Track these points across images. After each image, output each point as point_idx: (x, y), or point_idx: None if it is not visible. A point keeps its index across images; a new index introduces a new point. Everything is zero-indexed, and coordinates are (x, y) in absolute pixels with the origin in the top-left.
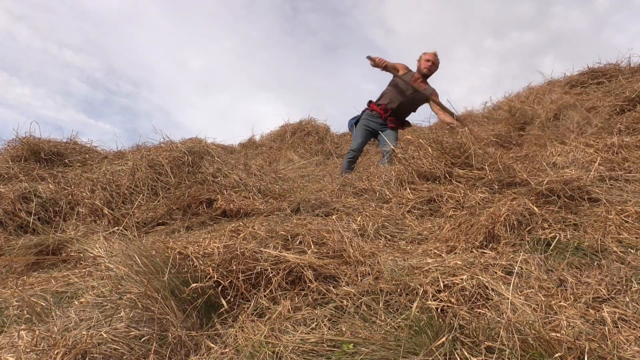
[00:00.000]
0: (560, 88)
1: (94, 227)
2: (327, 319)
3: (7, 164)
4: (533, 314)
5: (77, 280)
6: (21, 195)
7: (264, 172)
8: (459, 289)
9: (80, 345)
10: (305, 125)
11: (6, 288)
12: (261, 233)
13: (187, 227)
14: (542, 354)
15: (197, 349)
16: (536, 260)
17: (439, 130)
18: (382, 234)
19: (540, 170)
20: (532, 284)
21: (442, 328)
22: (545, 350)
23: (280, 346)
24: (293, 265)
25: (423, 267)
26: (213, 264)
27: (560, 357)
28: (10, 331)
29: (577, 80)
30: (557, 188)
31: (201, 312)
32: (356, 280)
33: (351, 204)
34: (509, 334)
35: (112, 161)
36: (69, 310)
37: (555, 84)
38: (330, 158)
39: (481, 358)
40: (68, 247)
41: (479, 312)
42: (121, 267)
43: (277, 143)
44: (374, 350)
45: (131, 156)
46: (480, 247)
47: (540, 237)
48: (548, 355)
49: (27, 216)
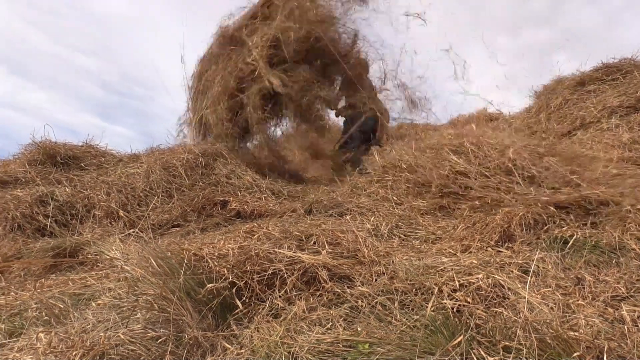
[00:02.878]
0: (568, 90)
1: (110, 229)
2: (343, 319)
3: (24, 168)
4: (550, 313)
5: (94, 282)
6: (38, 198)
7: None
8: (475, 288)
9: (97, 346)
10: None
11: (25, 290)
12: (275, 234)
13: (201, 228)
14: (560, 354)
15: (213, 349)
16: (553, 258)
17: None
18: (395, 234)
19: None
20: (549, 283)
21: (458, 327)
22: (564, 350)
23: (295, 346)
24: (307, 265)
25: (438, 267)
26: (228, 265)
27: (578, 356)
28: (30, 333)
29: (591, 76)
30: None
31: (217, 313)
32: (371, 280)
33: (364, 204)
34: (526, 334)
35: (127, 164)
36: (87, 312)
37: (565, 81)
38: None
39: (498, 358)
40: (85, 249)
41: (496, 311)
42: (137, 269)
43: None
44: (389, 350)
45: (145, 159)
46: (495, 246)
47: (557, 236)
48: (566, 355)
49: (45, 219)
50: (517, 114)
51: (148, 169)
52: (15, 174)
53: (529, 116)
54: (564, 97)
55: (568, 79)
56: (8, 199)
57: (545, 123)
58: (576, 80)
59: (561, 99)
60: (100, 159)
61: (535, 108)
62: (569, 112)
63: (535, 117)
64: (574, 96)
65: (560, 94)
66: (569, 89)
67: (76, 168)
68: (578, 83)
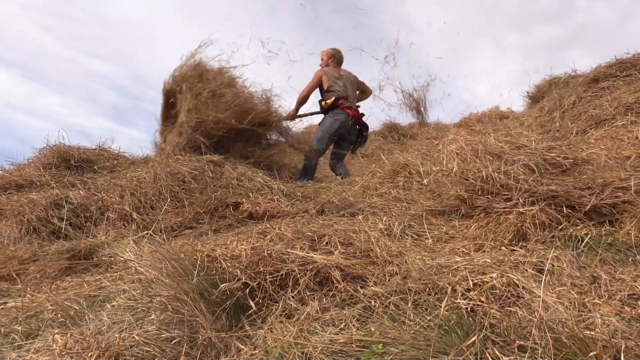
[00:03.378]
0: (582, 87)
1: (123, 231)
2: (356, 320)
3: (39, 172)
4: (566, 312)
5: (108, 284)
6: (53, 201)
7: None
8: (489, 288)
9: (113, 347)
10: None
11: (41, 292)
12: (288, 234)
13: (214, 230)
14: (576, 353)
15: (227, 350)
16: (568, 257)
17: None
18: (408, 234)
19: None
20: (564, 282)
21: (472, 327)
22: (580, 349)
23: (309, 347)
24: (320, 265)
25: (451, 266)
26: (241, 265)
27: (595, 356)
28: (46, 334)
29: (605, 73)
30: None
31: (230, 314)
32: (384, 280)
33: (376, 204)
34: (541, 333)
35: (136, 168)
36: (102, 314)
37: (578, 78)
38: (355, 158)
39: (513, 357)
40: (99, 251)
41: (510, 310)
42: (151, 270)
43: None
44: (403, 350)
45: (151, 163)
46: (509, 245)
47: (572, 234)
48: (582, 354)
49: (60, 222)
50: (528, 111)
51: (155, 174)
52: (30, 177)
53: (541, 114)
54: (577, 94)
55: (581, 75)
56: (23, 202)
57: (559, 122)
58: (590, 77)
59: (575, 97)
60: (114, 162)
61: (548, 106)
62: (583, 110)
63: (548, 115)
64: (587, 94)
65: (574, 91)
66: (582, 86)
67: (90, 171)
68: (592, 80)
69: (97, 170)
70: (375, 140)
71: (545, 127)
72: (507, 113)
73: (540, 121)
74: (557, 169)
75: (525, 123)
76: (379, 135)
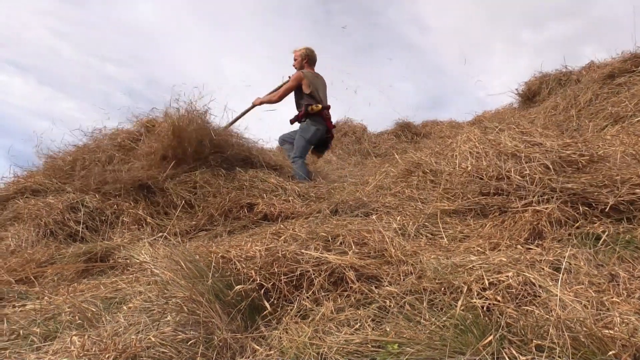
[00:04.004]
0: (597, 83)
1: (139, 234)
2: (371, 320)
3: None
4: (584, 311)
5: (124, 286)
6: (69, 205)
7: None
8: (505, 287)
9: (130, 349)
10: (342, 126)
11: (58, 295)
12: (302, 235)
13: (228, 231)
14: (594, 352)
15: (243, 351)
16: (585, 255)
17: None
18: (422, 233)
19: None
20: (581, 280)
21: (488, 326)
22: (598, 348)
23: (324, 347)
24: (335, 266)
25: (467, 265)
26: (255, 266)
27: (614, 355)
28: (64, 336)
29: (620, 68)
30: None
31: (245, 315)
32: (399, 280)
33: (390, 203)
34: (558, 332)
35: None
36: (118, 315)
37: (594, 73)
38: (369, 157)
39: (530, 357)
40: (115, 254)
41: (527, 309)
42: (166, 272)
43: None
44: (419, 350)
45: None
46: (525, 244)
47: (589, 232)
48: (601, 353)
49: (76, 225)
50: (537, 109)
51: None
52: (46, 182)
53: (555, 113)
54: (593, 91)
55: (573, 73)
56: (40, 206)
57: (576, 121)
58: (605, 73)
59: (590, 94)
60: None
61: (563, 104)
62: (601, 108)
63: (563, 114)
64: (603, 90)
65: (589, 88)
66: (597, 83)
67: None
68: (607, 76)
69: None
70: (388, 139)
71: (562, 126)
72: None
73: (555, 120)
74: (573, 166)
75: (535, 121)
76: (391, 134)
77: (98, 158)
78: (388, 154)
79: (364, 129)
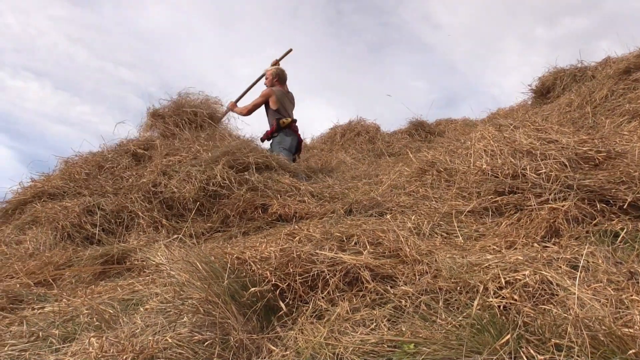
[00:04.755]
0: (612, 79)
1: (154, 236)
2: (386, 319)
3: (70, 180)
4: (602, 309)
5: (141, 287)
6: (85, 208)
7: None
8: (522, 285)
9: (147, 350)
10: (354, 126)
11: (76, 297)
12: (316, 235)
13: (243, 232)
14: (614, 351)
15: (259, 351)
16: (603, 252)
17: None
18: (437, 232)
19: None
20: (600, 278)
21: (505, 326)
22: (618, 347)
23: (340, 347)
24: (349, 266)
25: (482, 264)
26: (270, 267)
27: (634, 353)
28: (82, 338)
29: (636, 63)
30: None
31: (261, 316)
32: (414, 280)
33: (404, 203)
34: (577, 331)
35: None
36: (135, 317)
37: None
38: (382, 157)
39: (549, 356)
40: (131, 256)
41: (544, 308)
42: (182, 273)
43: (328, 145)
44: (435, 350)
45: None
46: (541, 242)
47: (607, 229)
48: (621, 352)
49: (92, 228)
50: (551, 106)
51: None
52: (62, 186)
53: (570, 110)
54: (609, 87)
55: (588, 68)
56: (57, 209)
57: (592, 118)
58: (621, 69)
59: (606, 90)
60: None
61: (578, 101)
62: (617, 105)
63: (578, 110)
64: (619, 86)
65: (605, 84)
66: (613, 78)
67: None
68: (623, 71)
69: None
70: (401, 138)
71: (578, 123)
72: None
73: (570, 117)
74: (590, 163)
75: (550, 118)
76: (405, 133)
77: (115, 162)
78: (402, 153)
79: (377, 128)
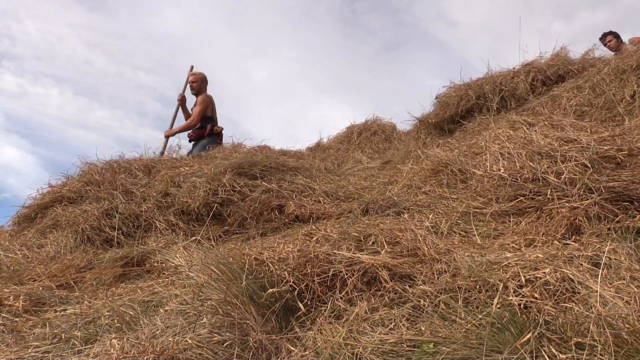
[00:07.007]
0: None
1: (173, 238)
2: (405, 319)
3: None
4: (626, 307)
5: (161, 289)
6: (104, 211)
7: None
8: (542, 283)
9: (167, 351)
10: (370, 125)
11: (97, 299)
12: (334, 235)
13: (261, 233)
14: (638, 349)
15: (278, 352)
16: (626, 249)
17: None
18: (455, 231)
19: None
20: (622, 275)
21: (526, 324)
22: None
23: (359, 347)
24: (367, 266)
25: (502, 262)
26: (288, 268)
27: None
28: (103, 339)
29: None
30: None
31: (280, 316)
32: (433, 279)
33: (421, 202)
34: (599, 329)
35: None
36: (155, 318)
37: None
38: (398, 156)
39: (570, 355)
40: (151, 258)
41: (566, 306)
42: (201, 275)
43: (344, 144)
44: (455, 349)
45: None
46: (562, 239)
47: (629, 226)
48: None
49: (112, 231)
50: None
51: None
52: (80, 190)
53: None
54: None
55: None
56: (77, 213)
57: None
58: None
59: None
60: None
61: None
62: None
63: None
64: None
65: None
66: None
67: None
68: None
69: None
70: (417, 137)
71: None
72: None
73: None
74: (612, 162)
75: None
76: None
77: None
78: (412, 153)
79: (393, 127)
